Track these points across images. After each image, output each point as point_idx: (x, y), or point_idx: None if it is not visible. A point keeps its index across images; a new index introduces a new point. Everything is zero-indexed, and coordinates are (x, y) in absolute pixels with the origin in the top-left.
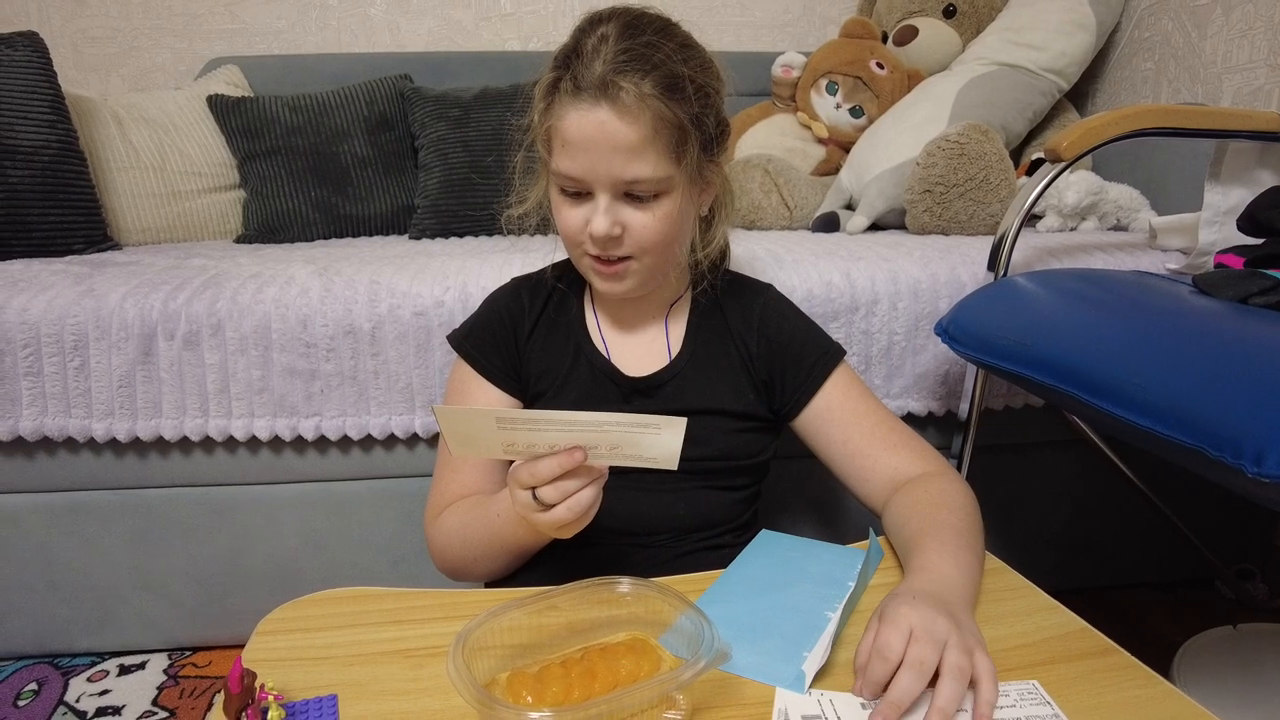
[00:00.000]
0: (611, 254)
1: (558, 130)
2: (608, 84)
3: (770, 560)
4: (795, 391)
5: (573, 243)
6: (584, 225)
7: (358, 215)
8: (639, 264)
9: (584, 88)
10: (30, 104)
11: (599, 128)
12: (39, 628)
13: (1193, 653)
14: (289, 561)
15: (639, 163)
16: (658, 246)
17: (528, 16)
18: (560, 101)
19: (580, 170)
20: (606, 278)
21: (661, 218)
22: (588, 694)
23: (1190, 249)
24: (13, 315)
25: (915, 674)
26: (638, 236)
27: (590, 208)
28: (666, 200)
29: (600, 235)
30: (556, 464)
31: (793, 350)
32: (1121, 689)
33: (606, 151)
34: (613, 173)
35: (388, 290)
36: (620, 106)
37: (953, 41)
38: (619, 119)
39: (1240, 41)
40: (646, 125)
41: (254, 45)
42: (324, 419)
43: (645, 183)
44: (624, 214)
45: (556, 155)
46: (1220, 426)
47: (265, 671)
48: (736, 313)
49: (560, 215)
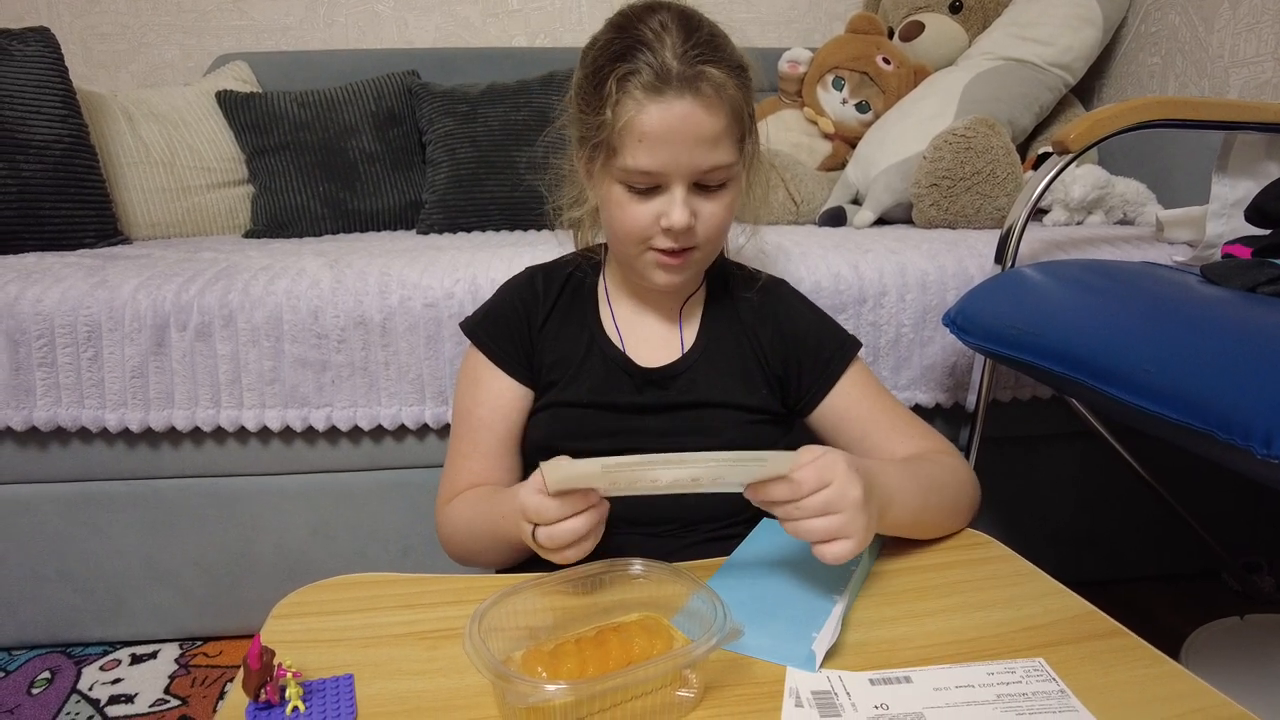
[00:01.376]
0: (683, 245)
1: (634, 126)
2: (689, 76)
3: (774, 546)
4: (811, 386)
5: (638, 239)
6: (653, 220)
7: (366, 210)
8: (700, 253)
9: (665, 81)
10: (42, 99)
11: (684, 120)
12: (52, 617)
13: (1199, 644)
14: (299, 551)
15: (717, 151)
16: (721, 234)
17: (534, 13)
18: (633, 97)
19: (660, 164)
20: (671, 270)
21: (727, 206)
22: (602, 671)
23: (1197, 241)
24: (27, 306)
25: (789, 506)
26: (708, 226)
27: (662, 201)
28: (731, 188)
29: (681, 227)
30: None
31: (808, 344)
32: (1130, 668)
33: (690, 143)
34: (694, 163)
35: (398, 282)
36: (703, 98)
37: (959, 37)
38: (704, 110)
39: (1247, 35)
40: (725, 115)
41: (262, 41)
42: (335, 410)
43: (719, 170)
44: (696, 204)
45: (630, 151)
46: (1230, 410)
47: (282, 652)
48: (749, 307)
49: (624, 212)
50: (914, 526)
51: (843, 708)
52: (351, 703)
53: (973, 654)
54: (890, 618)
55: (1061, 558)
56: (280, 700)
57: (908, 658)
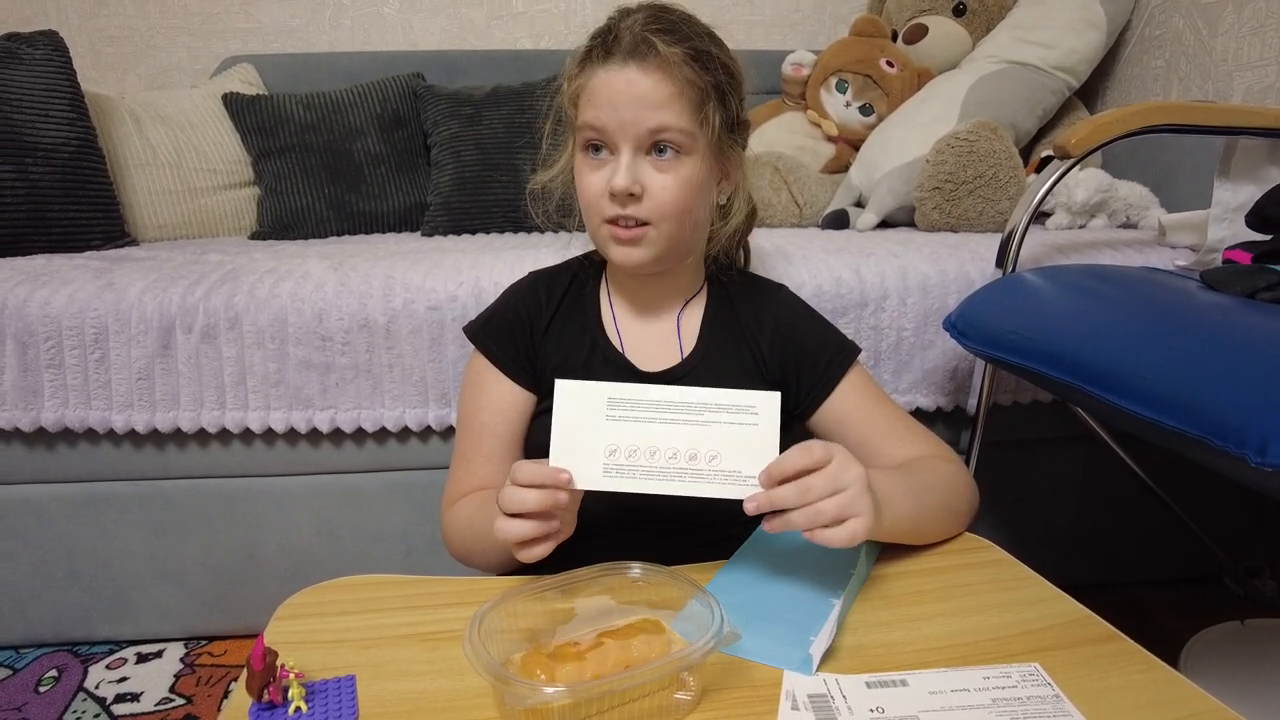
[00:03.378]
0: (631, 216)
1: (585, 88)
2: (638, 44)
3: (772, 550)
4: (810, 390)
5: (593, 209)
6: (605, 187)
7: (371, 212)
8: (656, 231)
9: (614, 51)
10: (51, 102)
11: (627, 84)
12: (59, 616)
13: (1199, 648)
14: (303, 552)
15: (664, 112)
16: (675, 212)
17: (539, 15)
18: (590, 65)
19: (605, 120)
20: (624, 243)
21: (681, 180)
22: (600, 673)
23: (1199, 246)
24: (35, 309)
25: (797, 491)
26: (657, 199)
27: (612, 168)
28: (687, 163)
29: (621, 189)
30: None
31: (807, 349)
32: (1124, 673)
33: (633, 105)
34: (638, 123)
35: (402, 285)
36: (648, 64)
37: (962, 40)
38: (645, 75)
39: (1251, 39)
40: (673, 82)
41: (268, 44)
42: (339, 412)
43: (669, 132)
44: (645, 173)
45: (583, 110)
46: (1224, 417)
47: (285, 653)
48: (749, 312)
49: (582, 181)
50: (909, 533)
51: (839, 710)
52: (353, 703)
53: (969, 658)
54: (887, 621)
55: (1063, 561)
56: (283, 701)
57: (904, 661)
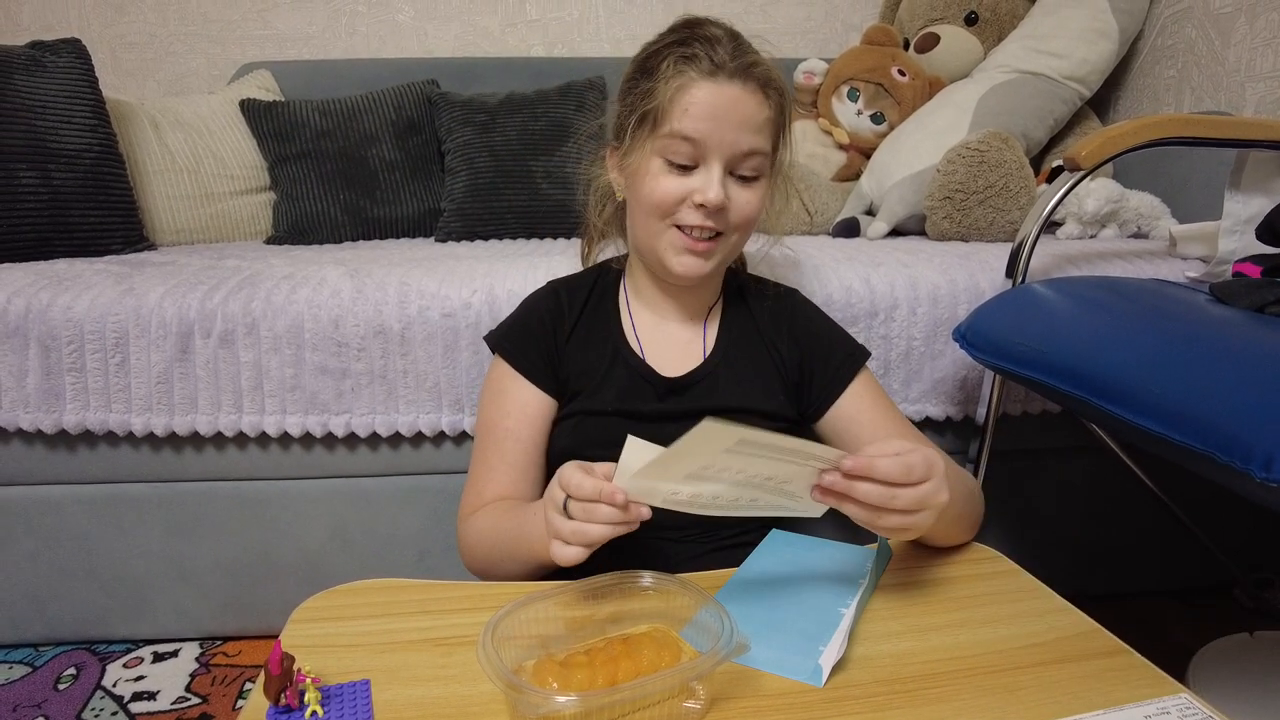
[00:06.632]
0: (710, 227)
1: (684, 96)
2: (742, 67)
3: (781, 559)
4: (821, 392)
5: (664, 213)
6: (684, 195)
7: (385, 218)
8: (726, 244)
9: (721, 66)
10: (74, 109)
11: (733, 102)
12: (78, 614)
13: (1208, 659)
14: (318, 555)
15: (758, 137)
16: (747, 226)
17: (553, 23)
18: (688, 74)
19: (703, 135)
20: (695, 254)
21: (758, 199)
22: (611, 682)
23: (1210, 257)
24: (58, 313)
25: (881, 498)
26: (739, 212)
27: (698, 178)
28: (762, 184)
29: (714, 202)
30: (596, 487)
31: (820, 351)
32: (1131, 688)
33: (735, 124)
34: (736, 143)
35: (417, 292)
36: (753, 88)
37: (974, 49)
38: (752, 97)
39: (1264, 50)
40: (770, 109)
41: (285, 51)
42: (354, 416)
43: (756, 157)
44: (731, 189)
45: (676, 118)
46: (1230, 432)
47: (300, 657)
48: (765, 316)
49: (657, 183)
50: (935, 537)
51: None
52: (368, 708)
53: (976, 670)
54: (896, 632)
55: (1072, 572)
56: (299, 705)
57: (913, 673)
